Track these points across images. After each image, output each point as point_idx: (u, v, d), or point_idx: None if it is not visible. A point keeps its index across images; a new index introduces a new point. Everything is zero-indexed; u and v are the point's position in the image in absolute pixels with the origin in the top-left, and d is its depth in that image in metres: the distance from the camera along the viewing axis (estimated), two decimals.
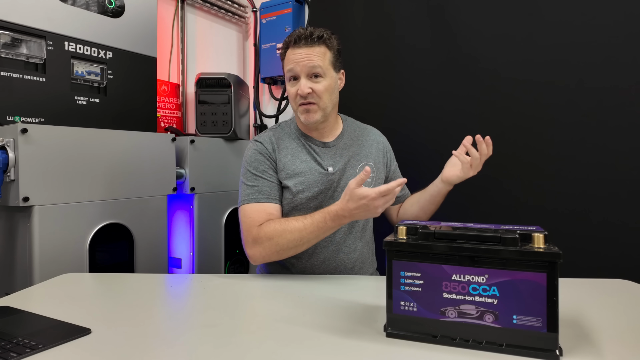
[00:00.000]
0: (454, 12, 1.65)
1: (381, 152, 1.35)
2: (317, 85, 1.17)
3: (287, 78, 1.21)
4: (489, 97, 1.59)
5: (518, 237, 0.66)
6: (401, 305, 0.71)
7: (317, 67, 1.16)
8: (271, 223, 1.12)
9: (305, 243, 1.09)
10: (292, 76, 1.19)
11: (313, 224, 1.07)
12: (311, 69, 1.16)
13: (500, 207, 1.57)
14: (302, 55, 1.16)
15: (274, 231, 1.10)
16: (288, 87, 1.21)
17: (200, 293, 1.01)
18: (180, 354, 0.68)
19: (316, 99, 1.18)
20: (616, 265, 1.38)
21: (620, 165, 1.39)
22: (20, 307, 0.85)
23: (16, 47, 1.28)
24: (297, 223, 1.08)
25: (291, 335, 0.74)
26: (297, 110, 1.21)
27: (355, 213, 1.01)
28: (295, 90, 1.18)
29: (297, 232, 1.07)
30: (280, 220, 1.12)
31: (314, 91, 1.17)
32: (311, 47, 1.16)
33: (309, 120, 1.19)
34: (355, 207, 0.99)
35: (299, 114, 1.22)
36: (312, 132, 1.26)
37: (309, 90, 1.16)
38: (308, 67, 1.16)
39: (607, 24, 1.40)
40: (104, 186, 1.36)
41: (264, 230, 1.11)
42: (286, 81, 1.22)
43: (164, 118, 2.01)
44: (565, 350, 0.65)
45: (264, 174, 1.20)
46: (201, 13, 2.24)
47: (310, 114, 1.19)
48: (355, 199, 0.98)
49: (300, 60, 1.16)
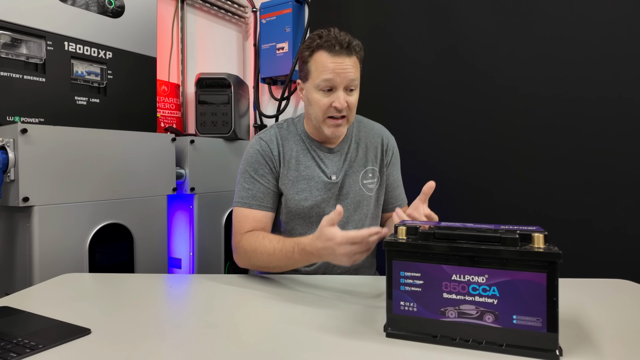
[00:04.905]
0: (454, 12, 1.65)
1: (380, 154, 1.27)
2: (351, 98, 1.11)
3: (319, 86, 1.10)
4: (490, 97, 1.59)
5: (518, 237, 0.66)
6: (401, 305, 0.71)
7: (355, 80, 1.10)
8: (251, 237, 1.09)
9: (276, 267, 1.06)
10: (329, 87, 1.10)
11: (282, 251, 1.02)
12: (350, 82, 1.09)
13: (500, 208, 1.57)
14: (345, 65, 1.08)
15: (249, 247, 1.08)
16: (317, 96, 1.11)
17: (200, 293, 1.01)
18: (180, 354, 0.68)
19: (348, 112, 1.12)
20: (616, 266, 1.38)
21: (620, 166, 1.39)
22: (20, 307, 0.85)
23: (16, 47, 1.28)
24: (269, 246, 1.04)
25: (291, 335, 0.74)
26: (324, 122, 1.13)
27: (323, 254, 0.93)
28: (330, 101, 1.10)
29: (267, 256, 1.04)
30: (258, 237, 1.08)
31: (348, 105, 1.10)
32: (350, 57, 1.09)
33: (337, 134, 1.15)
34: (322, 247, 0.92)
35: (324, 127, 1.14)
36: (318, 136, 1.22)
37: (346, 105, 1.09)
38: (348, 80, 1.09)
39: (607, 23, 1.40)
40: (104, 186, 1.36)
41: (243, 242, 1.10)
42: (313, 88, 1.12)
43: (164, 118, 2.01)
44: (565, 350, 0.65)
45: (261, 178, 1.17)
46: (201, 13, 2.24)
47: (340, 129, 1.14)
48: (323, 238, 0.91)
49: (342, 72, 1.08)
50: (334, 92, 1.10)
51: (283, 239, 1.05)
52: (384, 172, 1.28)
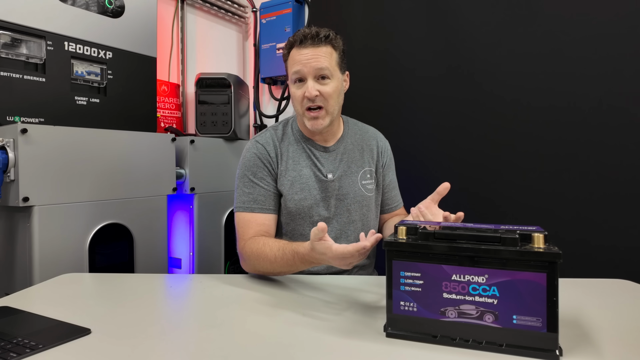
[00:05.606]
0: (454, 12, 1.65)
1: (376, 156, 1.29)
2: (325, 87, 1.12)
3: (292, 80, 1.15)
4: (490, 97, 1.59)
5: (518, 237, 0.66)
6: (401, 305, 0.71)
7: (325, 68, 1.11)
8: (254, 243, 1.09)
9: (280, 273, 1.07)
10: (298, 78, 1.13)
11: (283, 259, 1.01)
12: (319, 71, 1.11)
13: (500, 208, 1.57)
14: (309, 55, 1.11)
15: (252, 254, 1.08)
16: (293, 90, 1.15)
17: (200, 293, 1.01)
18: (180, 354, 0.68)
19: (324, 102, 1.13)
20: (616, 266, 1.38)
21: (620, 165, 1.39)
22: (20, 307, 0.85)
23: (16, 47, 1.28)
24: (271, 254, 1.03)
25: (291, 335, 0.74)
26: (304, 116, 1.15)
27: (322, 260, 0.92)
28: (302, 92, 1.12)
29: (269, 263, 1.04)
30: (259, 244, 1.07)
31: (321, 94, 1.12)
32: (318, 47, 1.11)
33: (317, 127, 1.15)
34: (318, 257, 0.92)
35: (305, 120, 1.16)
36: (314, 136, 1.22)
37: (316, 93, 1.11)
38: (315, 69, 1.11)
39: (607, 22, 1.40)
40: (104, 186, 1.36)
41: (247, 247, 1.10)
42: (290, 83, 1.16)
43: (164, 118, 2.01)
44: (565, 350, 0.65)
45: (261, 181, 1.17)
46: (201, 13, 2.24)
47: (318, 121, 1.14)
48: (317, 252, 0.90)
49: (307, 61, 1.11)
50: (305, 83, 1.13)
51: (283, 246, 1.02)
52: (380, 174, 1.29)
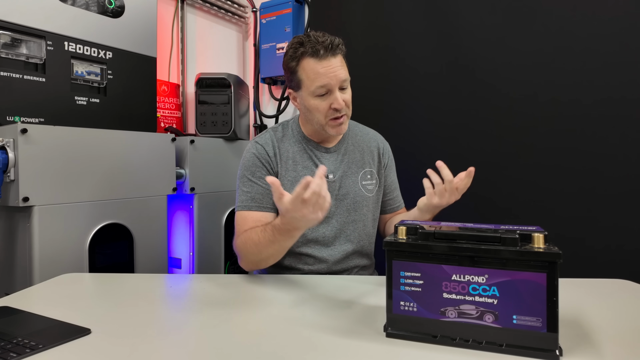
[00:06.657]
0: (454, 12, 1.65)
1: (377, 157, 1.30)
2: (346, 96, 1.14)
3: (316, 93, 1.11)
4: (490, 97, 1.59)
5: (518, 237, 0.66)
6: (401, 305, 0.71)
7: (347, 78, 1.13)
8: (243, 235, 1.09)
9: (269, 256, 1.05)
10: (325, 92, 1.11)
11: (265, 237, 1.01)
12: (343, 82, 1.12)
13: (500, 208, 1.57)
14: (332, 67, 1.10)
15: (242, 244, 1.08)
16: (316, 102, 1.12)
17: (200, 293, 1.01)
18: (180, 354, 0.68)
19: (347, 110, 1.15)
20: (616, 266, 1.38)
21: (620, 165, 1.39)
22: (20, 307, 0.85)
23: (16, 47, 1.28)
24: (255, 237, 1.04)
25: (291, 335, 0.74)
26: (327, 125, 1.15)
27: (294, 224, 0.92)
28: (328, 104, 1.12)
29: (255, 246, 1.04)
30: (247, 232, 1.08)
31: (345, 103, 1.13)
32: (336, 57, 1.11)
33: (341, 132, 1.17)
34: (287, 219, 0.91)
35: (328, 128, 1.15)
36: (315, 137, 1.23)
37: (344, 104, 1.12)
38: (341, 80, 1.11)
39: (608, 21, 1.40)
40: (104, 186, 1.36)
41: (239, 241, 1.10)
42: (309, 95, 1.13)
43: (164, 118, 2.01)
44: (565, 350, 0.65)
45: (259, 180, 1.17)
46: (201, 13, 2.24)
47: (343, 126, 1.16)
48: (282, 211, 0.91)
49: (333, 74, 1.10)
50: (330, 95, 1.12)
51: (265, 226, 1.03)
52: (382, 175, 1.30)
